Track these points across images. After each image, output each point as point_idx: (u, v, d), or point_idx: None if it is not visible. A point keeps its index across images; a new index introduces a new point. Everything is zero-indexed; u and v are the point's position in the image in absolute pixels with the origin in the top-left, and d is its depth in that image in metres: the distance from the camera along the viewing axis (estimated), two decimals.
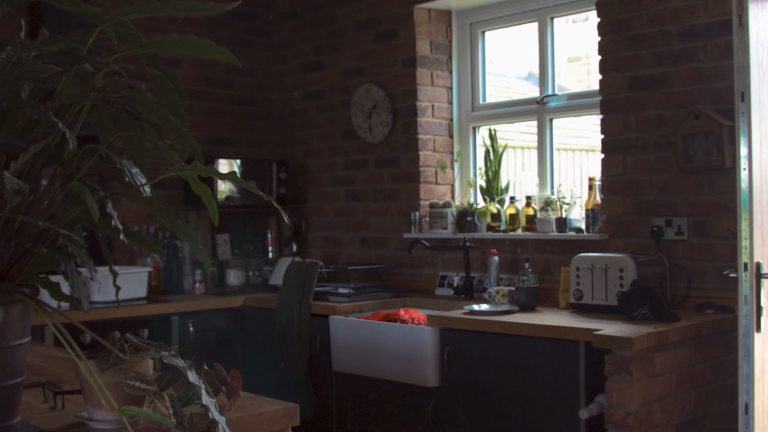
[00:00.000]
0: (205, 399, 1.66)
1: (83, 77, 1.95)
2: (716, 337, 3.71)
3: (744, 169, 3.17)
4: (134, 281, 5.08)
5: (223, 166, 5.64)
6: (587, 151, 7.56)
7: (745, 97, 3.15)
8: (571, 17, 5.15)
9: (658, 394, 3.38)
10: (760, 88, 3.24)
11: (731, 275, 3.34)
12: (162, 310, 4.89)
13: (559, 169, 5.29)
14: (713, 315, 3.76)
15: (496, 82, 6.28)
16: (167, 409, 1.68)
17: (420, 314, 4.42)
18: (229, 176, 1.83)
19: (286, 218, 1.78)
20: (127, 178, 1.92)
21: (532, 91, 5.41)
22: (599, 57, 4.36)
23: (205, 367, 2.03)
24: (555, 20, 4.94)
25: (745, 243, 3.14)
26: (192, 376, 1.67)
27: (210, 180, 5.53)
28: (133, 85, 2.01)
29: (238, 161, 5.74)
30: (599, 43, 4.35)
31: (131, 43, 1.86)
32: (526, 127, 6.73)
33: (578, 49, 7.22)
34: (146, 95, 1.91)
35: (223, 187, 5.66)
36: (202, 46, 1.91)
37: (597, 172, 4.48)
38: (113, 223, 1.87)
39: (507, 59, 5.34)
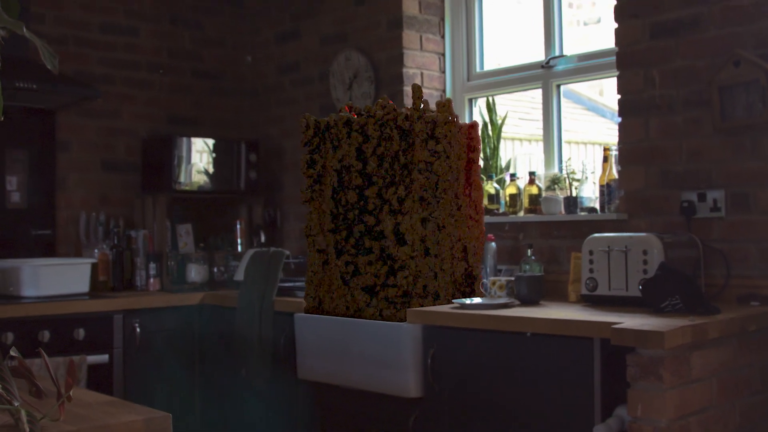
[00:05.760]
0: None
1: None
2: (765, 333, 2.97)
3: None
4: (74, 274, 4.36)
5: (197, 145, 4.93)
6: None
7: None
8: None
9: (695, 406, 2.63)
10: None
11: None
12: (102, 307, 4.17)
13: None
14: (761, 308, 3.02)
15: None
16: None
17: None
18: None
19: None
20: None
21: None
22: (614, 2, 3.65)
23: (14, 354, 1.31)
24: None
25: None
26: None
27: (164, 161, 4.83)
28: None
29: (212, 141, 5.02)
30: None
31: None
32: (516, 121, 6.07)
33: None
34: None
35: (197, 178, 4.95)
36: None
37: (613, 139, 3.76)
38: None
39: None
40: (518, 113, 6.74)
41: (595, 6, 8.23)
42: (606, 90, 8.26)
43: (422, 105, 3.52)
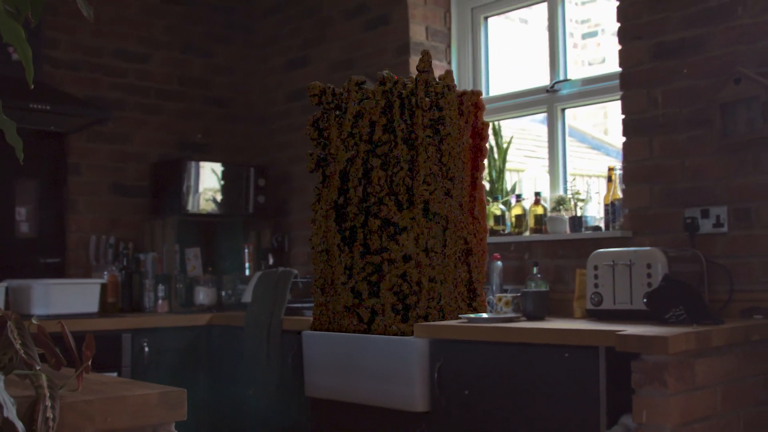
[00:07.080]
0: None
1: None
2: None
3: None
4: (83, 294, 4.40)
5: (206, 169, 5.00)
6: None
7: None
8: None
9: (699, 413, 2.66)
10: None
11: None
12: (111, 326, 4.20)
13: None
14: (765, 320, 3.05)
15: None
16: None
17: None
18: None
19: None
20: None
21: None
22: (618, 25, 3.72)
23: (35, 322, 1.36)
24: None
25: None
26: None
27: (173, 185, 4.90)
28: None
29: (220, 166, 5.08)
30: (618, 8, 3.71)
31: None
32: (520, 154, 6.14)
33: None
34: None
35: (206, 202, 5.01)
36: None
37: (617, 162, 3.81)
38: None
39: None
40: (523, 151, 6.83)
41: (600, 46, 8.35)
42: (611, 129, 8.34)
43: (427, 69, 3.58)
